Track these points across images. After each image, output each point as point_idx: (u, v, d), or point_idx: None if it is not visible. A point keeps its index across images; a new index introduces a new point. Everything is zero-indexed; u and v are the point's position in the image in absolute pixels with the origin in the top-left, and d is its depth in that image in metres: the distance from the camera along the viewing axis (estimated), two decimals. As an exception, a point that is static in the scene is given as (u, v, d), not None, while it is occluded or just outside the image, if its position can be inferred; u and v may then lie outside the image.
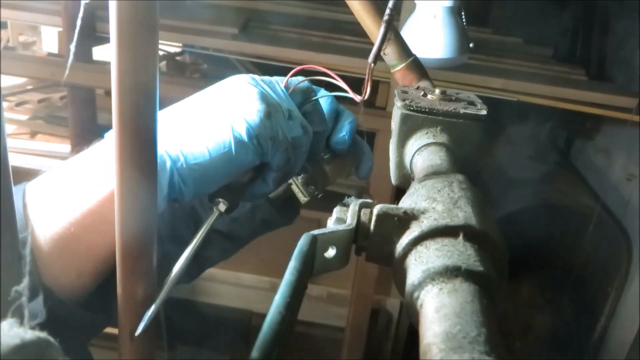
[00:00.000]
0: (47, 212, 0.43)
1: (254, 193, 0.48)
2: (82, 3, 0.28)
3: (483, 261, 0.28)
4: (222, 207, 0.46)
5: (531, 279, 1.54)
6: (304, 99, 0.49)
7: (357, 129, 0.55)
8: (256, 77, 0.47)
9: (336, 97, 0.49)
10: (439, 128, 0.43)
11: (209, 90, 0.47)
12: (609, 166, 1.58)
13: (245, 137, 0.42)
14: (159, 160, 0.39)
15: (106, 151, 0.43)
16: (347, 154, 0.54)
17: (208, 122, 0.43)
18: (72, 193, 0.43)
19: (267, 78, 0.48)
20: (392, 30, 0.49)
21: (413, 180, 0.40)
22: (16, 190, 0.43)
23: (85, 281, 0.44)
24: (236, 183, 0.46)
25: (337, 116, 0.54)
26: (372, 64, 0.42)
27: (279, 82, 0.48)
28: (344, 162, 0.55)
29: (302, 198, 0.54)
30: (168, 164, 0.41)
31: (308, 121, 0.48)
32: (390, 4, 0.42)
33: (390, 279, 1.32)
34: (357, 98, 0.45)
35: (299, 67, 0.47)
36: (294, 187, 0.54)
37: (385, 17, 0.43)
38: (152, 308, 0.40)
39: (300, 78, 0.49)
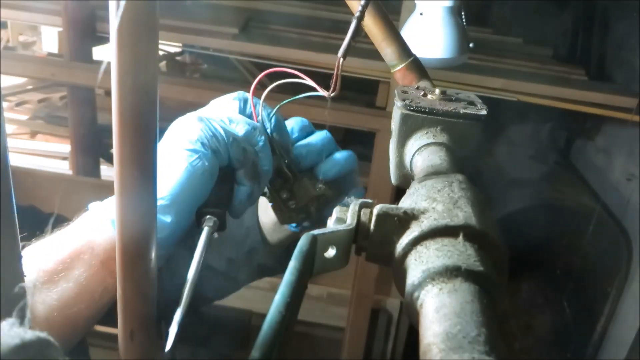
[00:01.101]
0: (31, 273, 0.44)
1: (239, 199, 0.49)
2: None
3: (483, 261, 0.28)
4: (211, 222, 0.46)
5: (531, 279, 1.54)
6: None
7: (315, 122, 0.56)
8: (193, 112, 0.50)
9: (306, 92, 0.49)
10: (439, 128, 0.43)
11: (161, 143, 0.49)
12: (609, 166, 1.58)
13: (190, 146, 0.44)
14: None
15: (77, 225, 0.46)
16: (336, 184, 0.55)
17: (164, 162, 0.45)
18: (45, 247, 0.45)
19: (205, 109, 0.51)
20: (392, 30, 0.49)
21: (413, 180, 0.40)
22: None
23: (55, 333, 0.45)
24: (217, 199, 0.47)
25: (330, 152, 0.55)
26: (342, 59, 0.42)
27: (218, 105, 0.51)
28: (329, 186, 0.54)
29: (269, 201, 0.54)
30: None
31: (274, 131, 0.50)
32: (362, 2, 0.42)
33: (390, 279, 1.32)
34: (326, 94, 0.44)
35: (265, 72, 0.47)
36: (266, 191, 0.54)
37: (357, 14, 0.43)
38: (169, 343, 0.41)
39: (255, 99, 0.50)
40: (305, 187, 0.53)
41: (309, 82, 0.45)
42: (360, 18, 0.42)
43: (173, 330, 0.42)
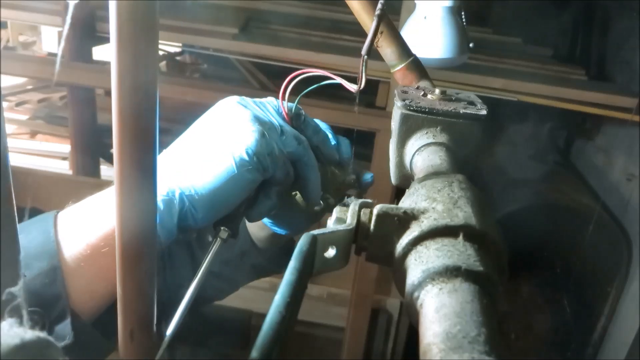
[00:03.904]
0: (70, 236, 0.45)
1: (260, 211, 0.49)
2: (71, 3, 0.29)
3: (483, 261, 0.28)
4: (224, 234, 0.47)
5: (531, 279, 1.54)
6: (298, 119, 0.51)
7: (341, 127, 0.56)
8: (246, 98, 0.49)
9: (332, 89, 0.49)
10: (439, 128, 0.43)
11: (203, 120, 0.48)
12: (609, 166, 1.58)
13: (245, 157, 0.44)
14: (168, 191, 0.43)
15: None
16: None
17: (210, 151, 0.45)
18: (91, 218, 0.45)
19: (257, 100, 0.50)
20: (392, 30, 0.49)
21: (413, 180, 0.40)
22: (47, 218, 0.45)
23: (96, 303, 0.46)
24: (236, 209, 0.47)
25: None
26: (366, 56, 0.43)
27: (270, 102, 0.50)
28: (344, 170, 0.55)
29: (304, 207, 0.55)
30: (177, 192, 0.44)
31: (307, 133, 0.50)
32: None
33: (390, 279, 1.32)
34: (353, 88, 0.45)
35: (294, 74, 0.47)
36: (297, 197, 0.54)
37: (377, 12, 0.43)
38: (165, 340, 0.42)
39: (290, 104, 0.50)
40: (333, 175, 0.53)
41: (337, 79, 0.46)
42: (381, 16, 0.43)
43: (170, 331, 0.42)
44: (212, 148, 0.45)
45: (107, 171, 1.73)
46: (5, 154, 0.27)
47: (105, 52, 1.64)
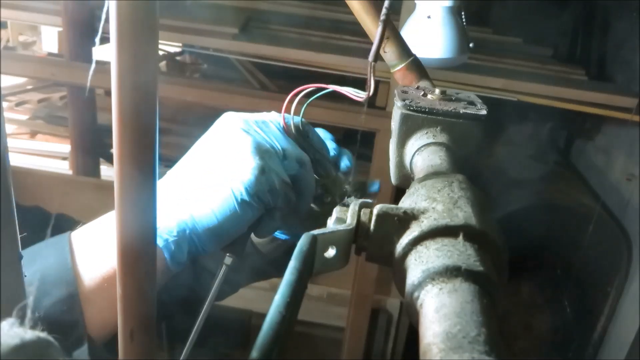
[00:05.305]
0: (84, 265, 0.46)
1: (265, 231, 0.50)
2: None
3: (483, 261, 0.28)
4: (228, 260, 0.50)
5: (531, 279, 1.54)
6: (300, 133, 0.51)
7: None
8: (249, 119, 0.49)
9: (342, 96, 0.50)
10: (439, 128, 0.43)
11: (206, 142, 0.48)
12: (609, 166, 1.58)
13: (245, 197, 0.45)
14: (178, 228, 0.44)
15: None
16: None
17: (210, 183, 0.46)
18: (105, 248, 0.46)
19: (260, 118, 0.49)
20: (392, 30, 0.49)
21: (413, 180, 0.40)
22: (62, 240, 0.46)
23: (107, 331, 0.47)
24: (242, 234, 0.48)
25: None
26: (373, 63, 0.43)
27: (272, 121, 0.50)
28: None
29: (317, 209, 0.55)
30: (187, 232, 0.45)
31: (308, 148, 0.50)
32: (386, 3, 0.43)
33: (390, 279, 1.32)
34: (361, 97, 0.45)
35: (299, 89, 0.47)
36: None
37: (382, 17, 0.43)
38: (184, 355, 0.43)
39: (296, 118, 0.50)
40: (339, 181, 0.55)
41: (342, 90, 0.46)
42: (386, 21, 0.43)
43: (187, 347, 0.43)
44: (214, 181, 0.46)
45: (107, 171, 1.72)
46: (5, 154, 0.27)
47: (105, 52, 1.64)
